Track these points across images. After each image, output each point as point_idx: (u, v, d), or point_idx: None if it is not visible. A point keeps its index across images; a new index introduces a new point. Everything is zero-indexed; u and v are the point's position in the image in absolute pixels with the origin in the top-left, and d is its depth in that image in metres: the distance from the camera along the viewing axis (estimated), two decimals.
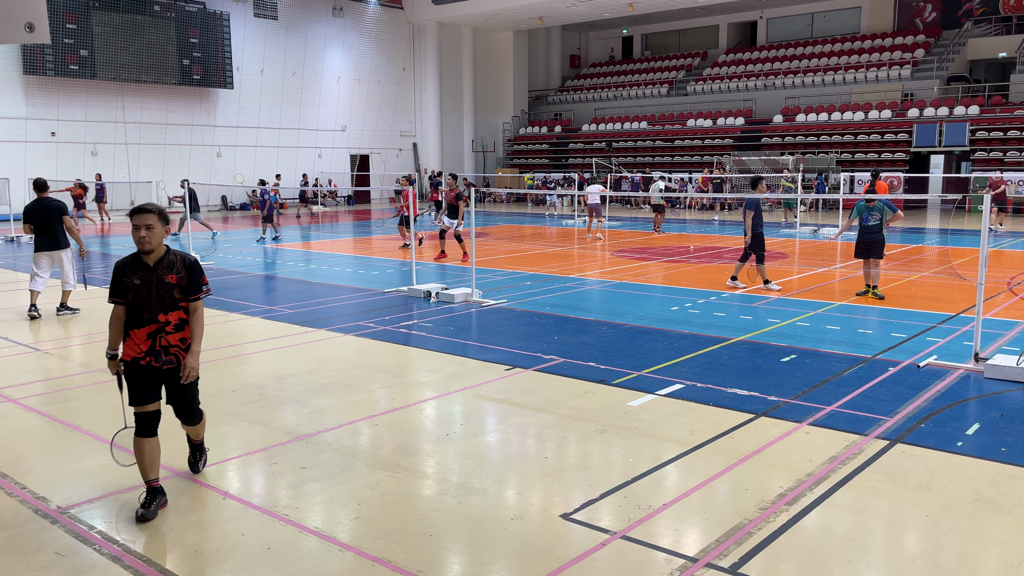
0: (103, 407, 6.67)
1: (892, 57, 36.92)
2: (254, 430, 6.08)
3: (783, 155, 34.42)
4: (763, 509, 4.63)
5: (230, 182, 33.73)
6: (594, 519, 4.54)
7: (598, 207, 20.91)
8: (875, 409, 6.40)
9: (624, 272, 14.57)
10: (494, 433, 6.05)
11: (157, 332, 4.65)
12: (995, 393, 6.87)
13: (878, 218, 11.38)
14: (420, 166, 43.25)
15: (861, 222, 11.53)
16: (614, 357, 8.17)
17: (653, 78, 44.97)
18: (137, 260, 4.68)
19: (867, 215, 11.44)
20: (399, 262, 16.18)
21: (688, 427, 6.05)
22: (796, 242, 19.77)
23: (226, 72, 34.64)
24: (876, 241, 11.41)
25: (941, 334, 9.12)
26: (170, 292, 4.65)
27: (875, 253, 11.46)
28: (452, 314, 10.58)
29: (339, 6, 39.55)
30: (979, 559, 4.11)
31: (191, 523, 4.55)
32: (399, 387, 7.32)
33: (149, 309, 4.62)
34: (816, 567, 4.01)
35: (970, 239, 19.75)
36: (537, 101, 48.80)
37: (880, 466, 5.26)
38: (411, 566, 4.04)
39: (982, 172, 28.89)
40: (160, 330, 4.65)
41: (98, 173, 28.92)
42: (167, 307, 4.65)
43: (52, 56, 29.42)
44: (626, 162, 39.94)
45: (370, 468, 5.34)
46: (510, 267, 15.32)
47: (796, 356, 8.16)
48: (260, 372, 7.81)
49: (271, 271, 15.17)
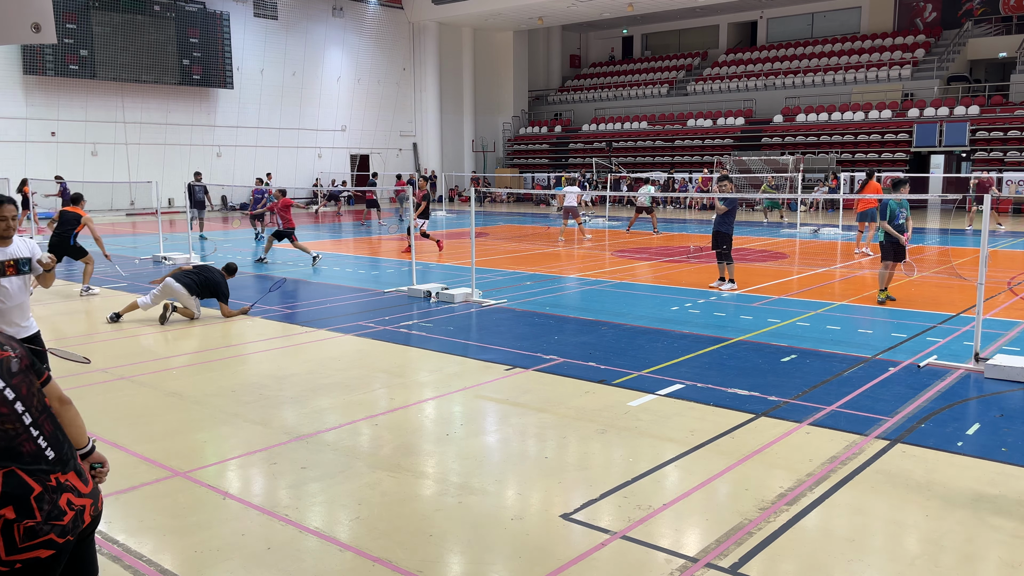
0: (104, 407, 6.67)
1: (892, 57, 36.92)
2: (254, 430, 6.08)
3: (783, 155, 34.42)
4: (763, 509, 4.63)
5: (230, 182, 33.72)
6: (594, 519, 4.54)
7: (574, 208, 21.20)
8: (875, 409, 6.40)
9: (624, 272, 14.57)
10: (494, 433, 6.05)
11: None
12: (995, 393, 6.87)
13: (904, 216, 11.00)
14: (420, 166, 43.24)
15: (892, 220, 11.01)
16: (614, 357, 8.17)
17: (653, 78, 44.96)
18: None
19: (899, 213, 10.97)
20: (399, 262, 16.17)
21: (688, 427, 6.04)
22: (796, 242, 19.77)
23: (226, 72, 34.64)
24: (898, 240, 11.02)
25: (941, 334, 9.12)
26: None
27: (901, 255, 11.09)
28: (452, 314, 10.58)
29: (339, 6, 39.54)
30: (979, 559, 4.11)
31: (191, 523, 4.55)
32: (399, 387, 7.32)
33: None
34: (816, 567, 4.01)
35: (970, 239, 19.74)
36: (537, 101, 48.79)
37: (880, 466, 5.26)
38: (411, 566, 4.04)
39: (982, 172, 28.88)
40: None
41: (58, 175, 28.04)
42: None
43: (52, 56, 29.42)
44: (626, 162, 39.92)
45: (370, 468, 5.34)
46: (510, 267, 15.31)
47: (796, 356, 8.16)
48: (260, 372, 7.81)
49: (271, 271, 15.17)
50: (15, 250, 5.14)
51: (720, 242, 12.31)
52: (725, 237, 12.26)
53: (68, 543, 2.55)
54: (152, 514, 4.66)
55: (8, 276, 5.10)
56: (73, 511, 2.56)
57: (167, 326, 10.01)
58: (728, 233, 12.25)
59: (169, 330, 9.85)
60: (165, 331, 9.79)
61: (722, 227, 12.24)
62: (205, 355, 8.70)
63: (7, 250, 5.11)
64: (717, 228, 12.29)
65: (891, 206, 10.97)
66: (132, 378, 7.63)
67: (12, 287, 5.13)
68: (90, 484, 2.69)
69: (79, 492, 2.62)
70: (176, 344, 9.27)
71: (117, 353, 8.57)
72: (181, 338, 9.53)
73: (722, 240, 12.28)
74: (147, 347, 9.18)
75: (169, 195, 31.95)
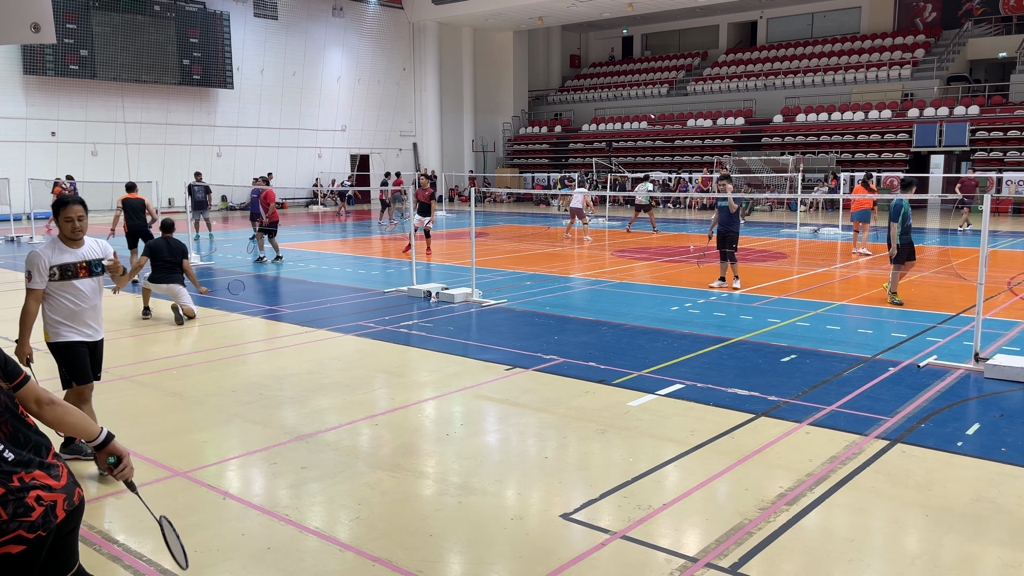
0: (104, 407, 6.67)
1: (892, 57, 36.92)
2: (254, 430, 6.08)
3: (783, 155, 34.42)
4: (763, 509, 4.63)
5: (230, 182, 33.72)
6: (594, 519, 4.54)
7: (580, 210, 21.21)
8: (875, 409, 6.40)
9: (624, 272, 14.57)
10: (494, 433, 6.05)
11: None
12: (995, 393, 6.87)
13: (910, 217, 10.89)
14: (420, 166, 43.25)
15: (903, 221, 10.85)
16: (614, 357, 8.17)
17: (653, 78, 44.95)
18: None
19: (908, 214, 10.84)
20: (399, 262, 16.17)
21: (688, 427, 6.04)
22: (796, 242, 19.77)
23: (226, 72, 34.63)
24: (911, 242, 10.97)
25: (941, 334, 9.12)
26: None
27: (913, 255, 11.05)
28: (452, 314, 10.58)
29: (339, 6, 39.54)
30: (979, 559, 4.11)
31: (191, 523, 4.55)
32: (399, 387, 7.32)
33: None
34: (816, 567, 4.01)
35: (970, 239, 19.74)
36: (537, 101, 48.79)
37: (880, 466, 5.26)
38: (411, 566, 4.04)
39: (982, 172, 28.88)
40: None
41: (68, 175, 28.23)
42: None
43: (52, 56, 29.41)
44: (626, 162, 39.92)
45: (370, 468, 5.34)
46: (510, 267, 15.32)
47: (796, 356, 8.16)
48: (260, 372, 7.81)
49: (271, 271, 15.16)
50: (87, 251, 5.12)
51: (729, 242, 12.37)
52: (734, 237, 12.33)
53: (40, 538, 2.59)
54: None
55: (81, 278, 5.08)
56: (43, 507, 2.59)
57: (167, 326, 10.02)
58: (736, 233, 12.34)
59: (169, 330, 9.86)
60: (165, 331, 9.79)
61: (731, 227, 12.30)
62: (205, 355, 8.70)
63: (79, 251, 5.09)
64: (725, 228, 12.34)
65: (904, 207, 10.79)
66: (132, 378, 7.63)
67: (86, 289, 5.13)
68: (63, 479, 2.70)
69: (50, 488, 2.64)
70: (176, 344, 9.27)
71: (117, 353, 8.57)
72: (181, 338, 9.53)
73: (731, 240, 12.35)
74: (147, 347, 9.18)
75: (169, 195, 31.94)
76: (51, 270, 4.98)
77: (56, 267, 4.99)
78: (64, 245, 5.05)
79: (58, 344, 5.15)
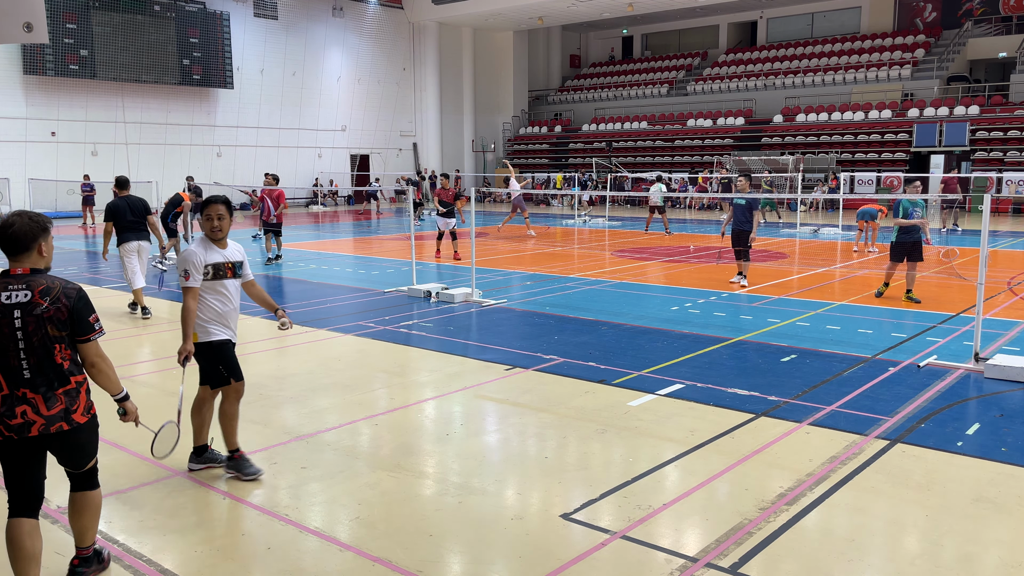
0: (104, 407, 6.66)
1: (892, 57, 36.92)
2: (254, 430, 6.08)
3: (783, 155, 34.42)
4: (763, 509, 4.63)
5: (230, 182, 33.71)
6: (594, 519, 4.54)
7: (520, 203, 22.04)
8: (875, 409, 6.40)
9: (624, 272, 14.57)
10: (494, 433, 6.05)
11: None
12: (995, 393, 6.87)
13: (919, 215, 10.84)
14: (420, 166, 43.24)
15: (906, 219, 10.83)
16: (614, 357, 8.17)
17: (653, 78, 44.96)
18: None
19: (912, 213, 10.81)
20: (399, 262, 16.17)
21: (688, 427, 6.04)
22: (796, 242, 19.77)
23: (226, 72, 34.63)
24: (916, 242, 10.94)
25: (941, 334, 9.12)
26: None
27: (917, 256, 11.00)
28: (452, 314, 10.58)
29: (339, 6, 39.54)
30: (979, 559, 4.11)
31: (191, 523, 4.55)
32: (399, 387, 7.32)
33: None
34: (816, 567, 4.01)
35: (970, 239, 19.74)
36: (537, 101, 48.79)
37: (880, 466, 5.26)
38: (411, 566, 4.04)
39: (982, 172, 28.88)
40: None
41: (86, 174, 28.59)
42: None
43: (52, 56, 29.40)
44: (626, 162, 39.92)
45: (370, 468, 5.34)
46: (510, 267, 15.32)
47: (796, 356, 8.16)
48: (260, 372, 7.80)
49: (271, 271, 15.16)
50: (231, 253, 5.11)
51: (743, 240, 12.45)
52: (747, 235, 12.42)
53: (9, 439, 3.50)
54: (152, 514, 4.66)
55: (229, 278, 5.08)
56: (23, 420, 3.50)
57: (166, 325, 10.01)
58: (750, 231, 12.40)
59: (169, 330, 9.85)
60: (165, 331, 9.79)
61: (745, 225, 12.39)
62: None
63: (225, 252, 5.07)
64: (739, 227, 12.45)
65: (903, 204, 10.88)
66: (132, 378, 7.63)
67: (231, 290, 5.12)
68: (54, 411, 3.55)
69: (37, 411, 3.53)
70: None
71: (117, 353, 8.56)
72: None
73: (745, 238, 12.44)
74: (147, 347, 9.18)
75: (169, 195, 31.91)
76: (205, 268, 4.96)
77: (210, 266, 4.98)
78: (212, 245, 5.03)
79: (212, 343, 5.06)
